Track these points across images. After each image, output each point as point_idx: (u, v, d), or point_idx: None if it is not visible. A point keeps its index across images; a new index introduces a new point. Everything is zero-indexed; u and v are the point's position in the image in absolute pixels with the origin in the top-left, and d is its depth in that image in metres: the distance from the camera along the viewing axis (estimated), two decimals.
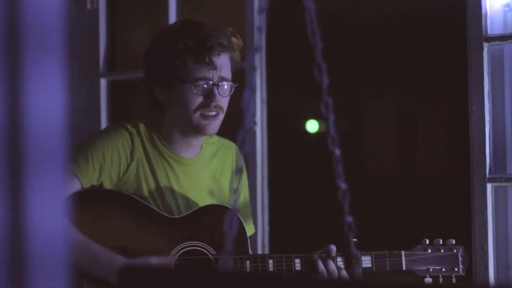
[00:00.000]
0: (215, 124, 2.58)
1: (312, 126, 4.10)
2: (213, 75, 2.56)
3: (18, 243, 0.99)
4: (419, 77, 3.88)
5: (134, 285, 1.34)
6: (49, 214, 1.01)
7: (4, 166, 0.98)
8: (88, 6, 4.38)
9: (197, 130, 2.58)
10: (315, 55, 1.44)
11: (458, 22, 3.40)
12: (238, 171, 2.66)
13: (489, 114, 3.25)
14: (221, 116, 2.59)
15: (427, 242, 2.70)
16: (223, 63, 2.58)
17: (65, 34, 1.02)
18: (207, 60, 2.54)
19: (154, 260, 2.44)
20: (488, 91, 3.25)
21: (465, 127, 3.31)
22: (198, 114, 2.56)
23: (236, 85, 2.61)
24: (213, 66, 2.55)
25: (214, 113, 2.56)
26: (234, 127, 1.52)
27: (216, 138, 2.74)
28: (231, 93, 2.60)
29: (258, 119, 3.89)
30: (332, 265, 2.55)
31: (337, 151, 1.44)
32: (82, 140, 2.56)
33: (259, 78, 3.88)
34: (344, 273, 2.56)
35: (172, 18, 4.17)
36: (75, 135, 4.18)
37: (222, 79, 2.58)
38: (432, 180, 3.90)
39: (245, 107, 1.43)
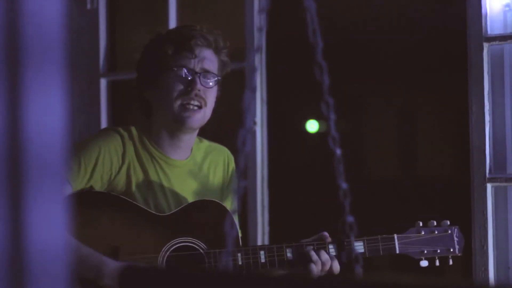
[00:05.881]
0: (197, 118, 2.57)
1: (312, 126, 4.09)
2: (194, 64, 2.57)
3: (19, 256, 0.98)
4: (419, 77, 3.88)
5: (134, 285, 1.34)
6: (50, 226, 0.99)
7: (4, 177, 0.97)
8: (88, 6, 4.38)
9: (179, 122, 2.57)
10: (315, 55, 1.44)
11: (458, 22, 3.40)
12: (237, 173, 2.66)
13: (489, 114, 3.25)
14: (205, 110, 2.58)
15: (421, 224, 2.67)
16: (208, 57, 2.59)
17: (66, 45, 1.02)
18: (187, 46, 2.55)
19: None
20: (488, 91, 3.25)
21: (465, 127, 3.30)
22: (178, 102, 2.55)
23: (219, 79, 2.61)
24: (193, 54, 2.56)
25: (195, 102, 2.56)
26: (234, 127, 1.52)
27: (206, 142, 2.75)
28: (215, 85, 2.60)
29: (258, 119, 3.89)
30: (324, 255, 2.55)
31: (338, 151, 1.44)
32: (74, 143, 2.57)
33: (259, 78, 3.88)
34: (336, 264, 2.56)
35: (172, 18, 4.17)
36: (75, 135, 4.18)
37: (205, 70, 2.58)
38: (432, 180, 3.90)
39: (245, 107, 1.43)
